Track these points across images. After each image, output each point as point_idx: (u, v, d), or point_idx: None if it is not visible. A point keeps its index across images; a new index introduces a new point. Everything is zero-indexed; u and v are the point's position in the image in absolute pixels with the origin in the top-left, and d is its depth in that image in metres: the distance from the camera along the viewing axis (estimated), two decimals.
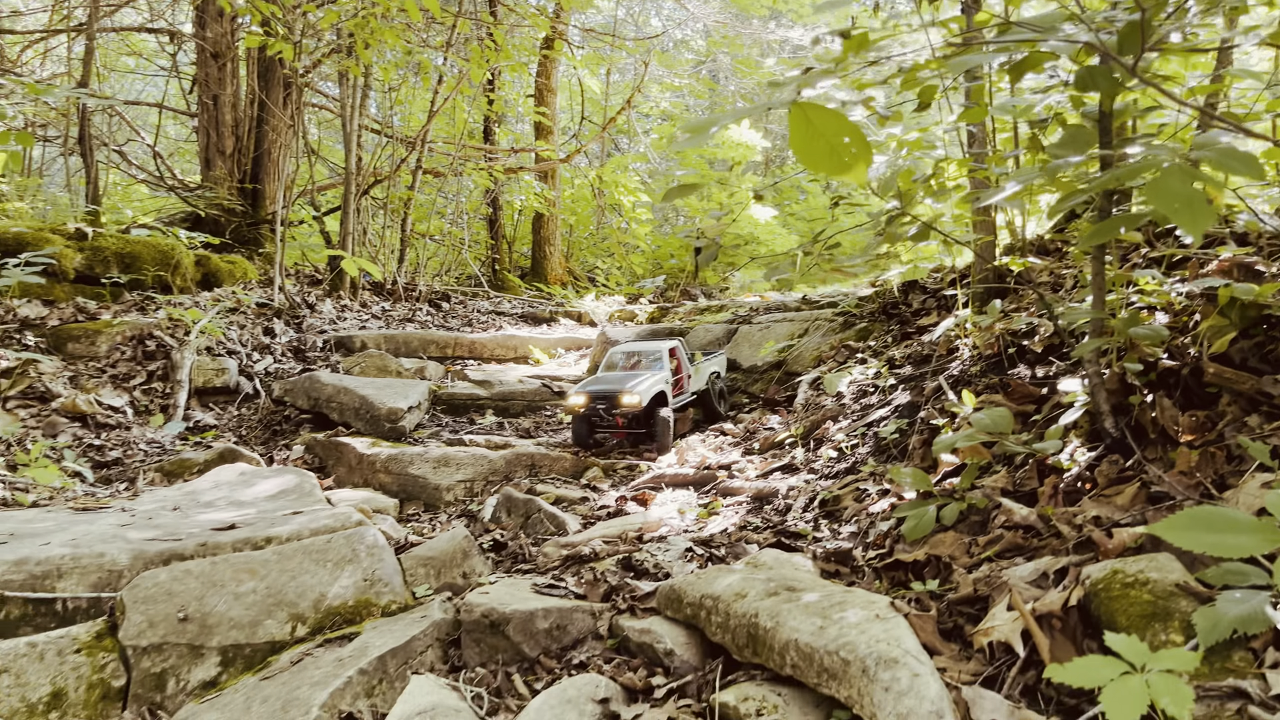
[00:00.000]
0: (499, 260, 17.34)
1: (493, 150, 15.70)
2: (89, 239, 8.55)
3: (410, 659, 3.42)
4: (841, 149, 2.69)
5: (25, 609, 3.92)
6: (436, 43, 13.07)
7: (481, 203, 16.61)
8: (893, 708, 2.32)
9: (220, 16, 12.91)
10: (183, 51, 14.74)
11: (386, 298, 12.11)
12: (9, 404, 6.23)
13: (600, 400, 6.20)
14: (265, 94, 13.09)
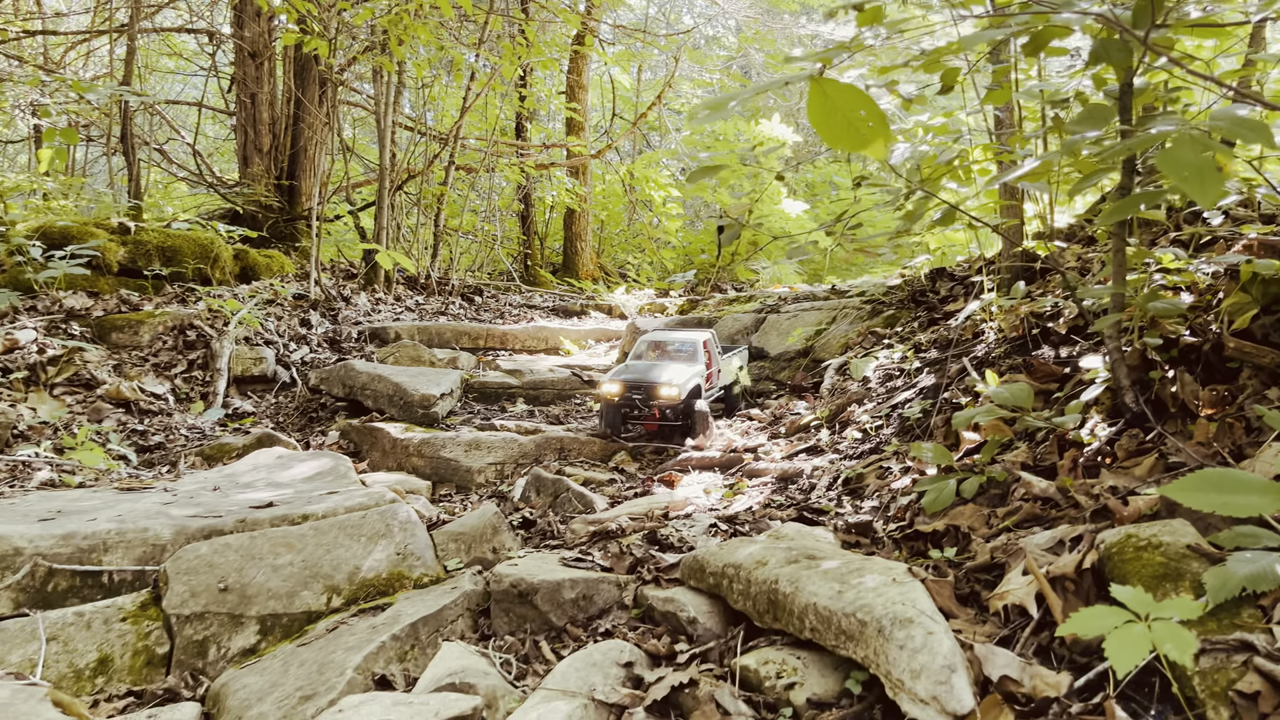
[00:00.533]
0: (531, 256, 17.49)
1: (524, 146, 15.84)
2: (131, 233, 8.76)
3: (441, 627, 3.52)
4: (859, 123, 2.76)
5: (73, 581, 4.07)
6: (469, 39, 13.22)
7: (514, 199, 16.76)
8: (907, 664, 2.38)
9: (258, 16, 13.14)
10: (221, 51, 15.01)
11: (420, 292, 12.27)
12: (56, 390, 6.42)
13: (636, 390, 5.98)
14: (301, 92, 13.30)
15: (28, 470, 5.37)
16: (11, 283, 7.65)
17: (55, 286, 7.75)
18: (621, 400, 6.03)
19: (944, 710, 2.25)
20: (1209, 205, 2.20)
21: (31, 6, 13.74)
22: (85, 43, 14.11)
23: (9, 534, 4.15)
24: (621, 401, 6.04)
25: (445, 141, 12.93)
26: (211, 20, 14.79)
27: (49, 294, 7.65)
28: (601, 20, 18.09)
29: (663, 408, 5.98)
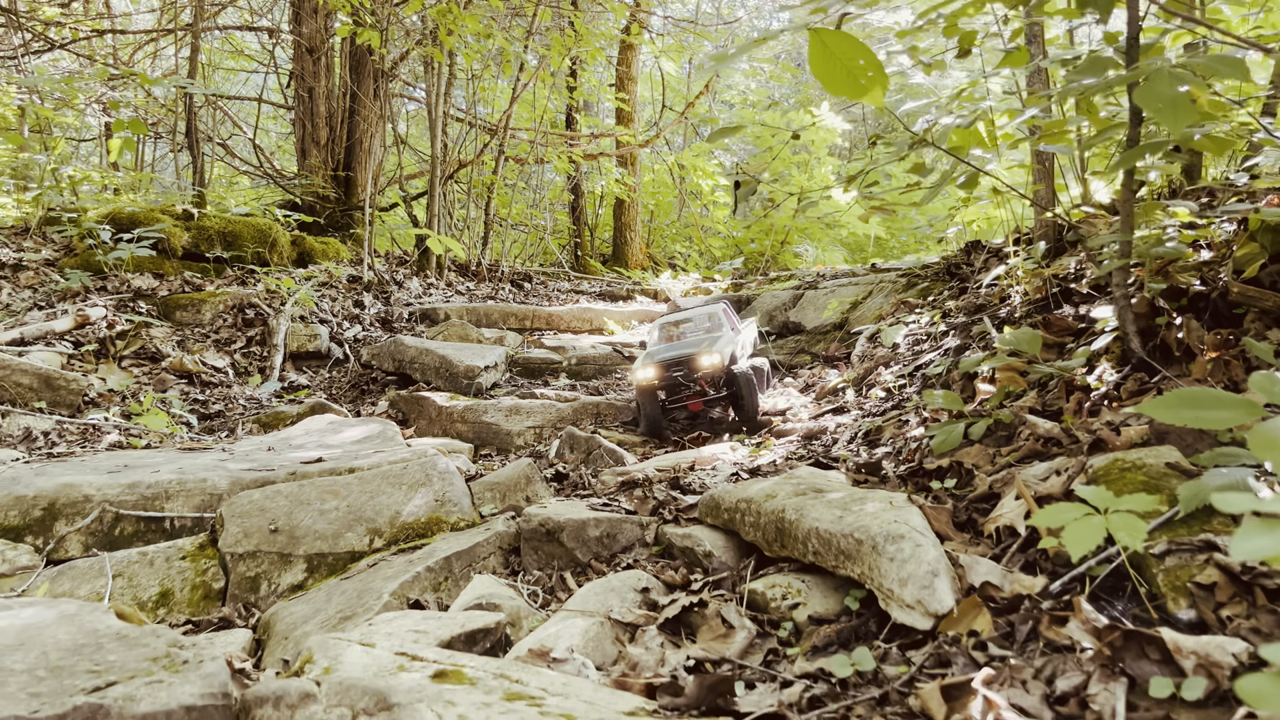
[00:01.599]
0: (581, 246, 17.75)
1: (574, 136, 16.09)
2: (195, 219, 9.16)
3: (474, 562, 3.74)
4: (857, 72, 2.91)
5: (137, 526, 4.38)
6: (518, 31, 13.49)
7: (564, 189, 17.03)
8: (895, 574, 2.53)
9: (315, 13, 13.56)
10: (280, 48, 15.49)
11: (471, 278, 12.58)
12: (124, 362, 6.79)
13: (675, 368, 5.54)
14: (357, 86, 13.70)
15: (97, 433, 5.72)
16: (83, 265, 8.07)
17: (124, 269, 8.16)
18: (662, 383, 5.58)
19: (927, 612, 2.40)
20: (1178, 132, 2.31)
21: (101, 8, 14.33)
22: (152, 42, 14.67)
23: (78, 482, 4.47)
24: (662, 384, 5.60)
25: (494, 132, 13.21)
26: (273, 19, 15.27)
27: (118, 275, 8.05)
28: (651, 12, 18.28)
29: (707, 380, 5.59)
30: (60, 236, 8.76)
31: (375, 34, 9.50)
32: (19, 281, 7.69)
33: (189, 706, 2.38)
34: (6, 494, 4.37)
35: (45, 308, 7.23)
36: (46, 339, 6.59)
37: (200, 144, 11.88)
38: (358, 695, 2.30)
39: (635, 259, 17.49)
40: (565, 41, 13.14)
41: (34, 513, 4.32)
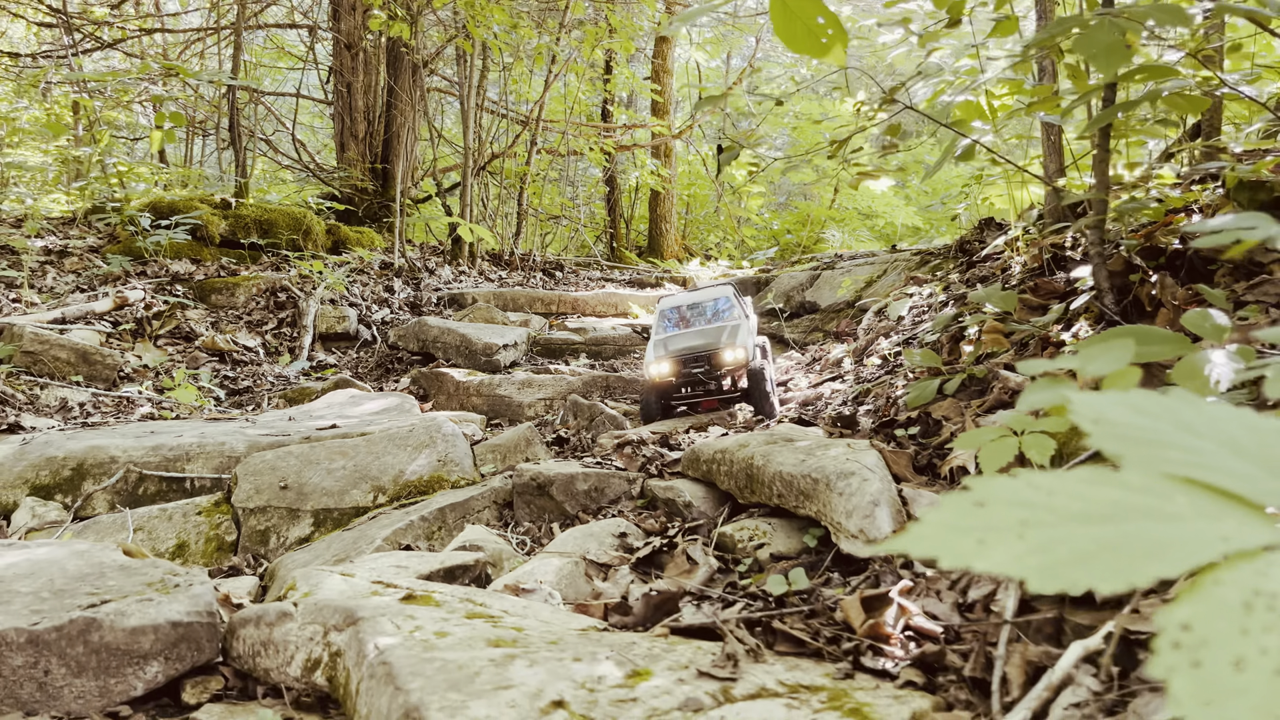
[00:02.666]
0: (616, 238, 17.90)
1: (609, 128, 16.25)
2: (232, 208, 9.47)
3: (468, 514, 3.90)
4: (818, 30, 3.01)
5: (160, 485, 4.61)
6: (550, 24, 13.68)
7: (599, 182, 17.20)
8: (843, 507, 2.63)
9: (353, 10, 13.87)
10: (320, 45, 15.84)
11: (504, 267, 12.79)
12: (159, 341, 7.08)
13: (694, 363, 4.98)
14: (394, 80, 13.98)
15: (130, 405, 5.99)
16: (125, 251, 8.39)
17: (163, 254, 8.47)
18: (679, 380, 5.06)
19: (868, 540, 2.51)
20: (1110, 75, 2.39)
21: (150, 9, 14.79)
22: (199, 41, 15.11)
23: (106, 445, 4.72)
24: (680, 381, 5.07)
25: (526, 123, 13.41)
26: (313, 16, 15.64)
27: (158, 261, 8.37)
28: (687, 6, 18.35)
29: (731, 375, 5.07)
30: (105, 225, 9.12)
31: (405, 26, 9.73)
32: (64, 266, 8.03)
33: (175, 622, 2.56)
34: (39, 455, 4.63)
35: (87, 290, 7.55)
36: (87, 319, 6.89)
37: (242, 138, 12.24)
38: (329, 614, 2.46)
39: (671, 250, 17.61)
40: (598, 33, 13.30)
41: (63, 472, 4.57)
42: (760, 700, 1.73)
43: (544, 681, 1.82)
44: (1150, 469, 0.80)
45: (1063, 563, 0.71)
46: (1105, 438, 0.86)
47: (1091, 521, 0.75)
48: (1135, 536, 0.72)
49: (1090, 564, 0.70)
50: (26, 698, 2.45)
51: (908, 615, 2.01)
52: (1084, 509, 0.76)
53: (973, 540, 0.75)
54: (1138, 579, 0.69)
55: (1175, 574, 0.69)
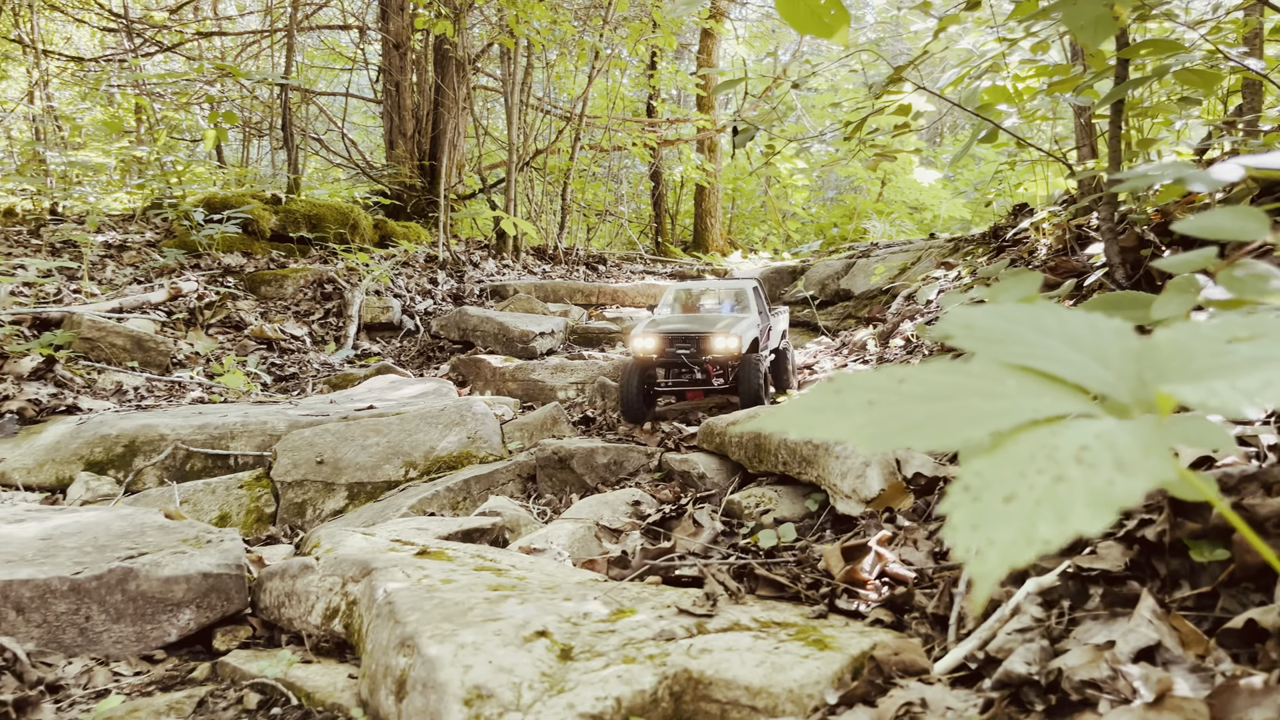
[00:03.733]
0: (662, 233, 18.02)
1: (653, 123, 16.37)
2: (283, 203, 9.77)
3: (492, 486, 4.04)
4: (820, 10, 3.10)
5: (206, 462, 4.82)
6: (593, 20, 13.83)
7: (644, 177, 17.32)
8: (838, 468, 2.72)
9: (401, 10, 14.16)
10: (370, 45, 16.18)
11: (547, 261, 12.97)
12: (210, 330, 7.35)
13: (681, 343, 4.60)
14: (441, 79, 14.25)
15: (182, 389, 6.25)
16: (180, 245, 8.71)
17: (216, 248, 8.78)
18: (661, 358, 4.67)
19: (861, 499, 2.59)
20: (1094, 47, 2.44)
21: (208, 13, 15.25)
22: (255, 44, 15.53)
23: (155, 423, 4.95)
24: (661, 360, 4.68)
25: (570, 119, 13.58)
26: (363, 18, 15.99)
27: (210, 254, 8.67)
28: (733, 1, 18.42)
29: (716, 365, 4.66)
30: (161, 220, 9.46)
31: (449, 24, 9.94)
32: (122, 259, 8.37)
33: (206, 573, 2.74)
34: (94, 433, 4.88)
35: (144, 282, 7.86)
36: (143, 308, 7.18)
37: (295, 138, 12.58)
38: (347, 566, 2.61)
39: (716, 244, 17.67)
40: (641, 28, 13.42)
41: (116, 449, 4.81)
42: (731, 633, 1.84)
43: (531, 616, 1.94)
44: (993, 360, 0.90)
45: (892, 431, 0.81)
46: (965, 338, 0.96)
47: (929, 400, 0.85)
48: (961, 409, 0.82)
49: (915, 431, 0.80)
50: (69, 642, 2.63)
51: (884, 562, 2.10)
52: (926, 391, 0.86)
53: (823, 417, 0.85)
54: (952, 441, 0.79)
55: (982, 436, 0.79)
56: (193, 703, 2.34)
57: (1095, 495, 0.67)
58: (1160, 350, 0.87)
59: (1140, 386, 0.84)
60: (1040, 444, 0.75)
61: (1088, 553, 1.83)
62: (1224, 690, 1.22)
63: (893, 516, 2.37)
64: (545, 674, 1.70)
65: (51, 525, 3.12)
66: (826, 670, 1.64)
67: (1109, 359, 0.88)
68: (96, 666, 2.56)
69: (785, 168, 17.24)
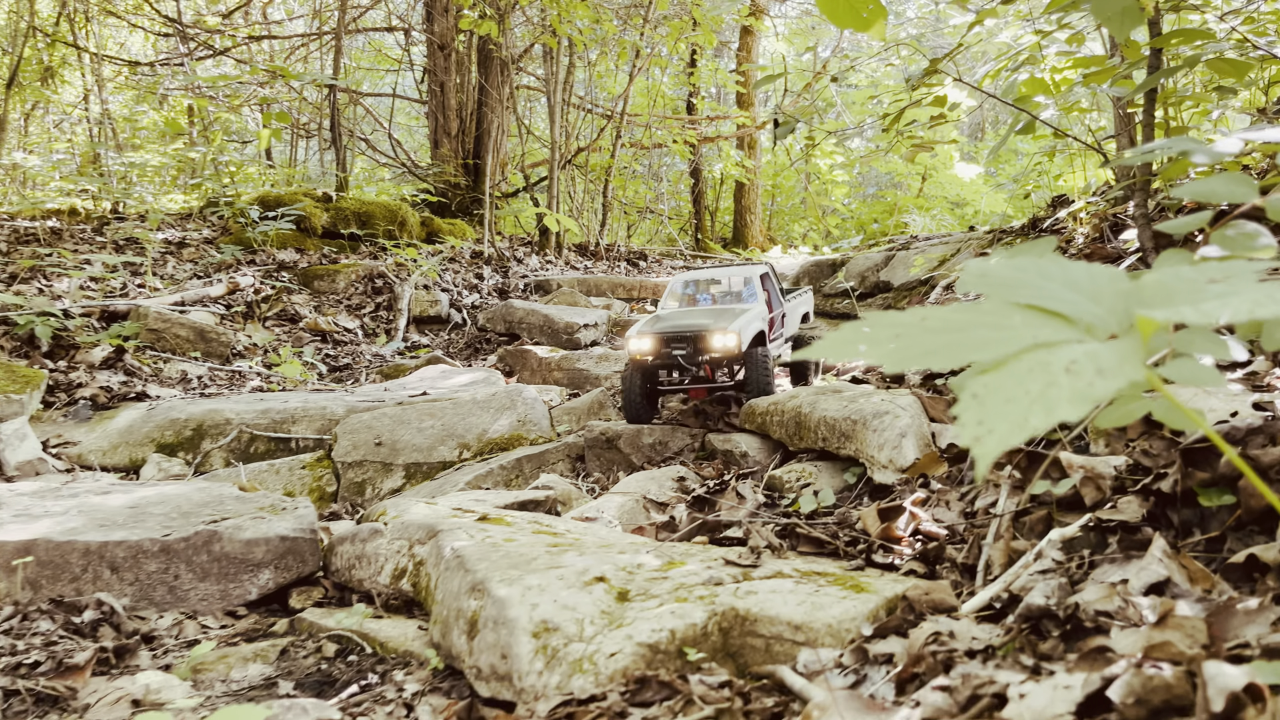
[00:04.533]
0: (701, 229, 18.15)
1: (693, 120, 16.51)
2: (333, 201, 10.05)
3: (543, 465, 4.23)
4: (859, 5, 3.25)
5: (269, 445, 5.06)
6: (634, 19, 14.01)
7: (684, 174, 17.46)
8: (875, 440, 2.86)
9: (445, 12, 14.44)
10: (416, 47, 16.49)
11: (589, 257, 13.17)
12: (267, 323, 7.63)
13: (677, 343, 4.29)
14: (485, 79, 14.51)
15: (242, 378, 6.51)
16: (236, 241, 9.02)
17: (270, 244, 9.07)
18: (657, 360, 4.36)
19: (896, 467, 2.73)
20: (1122, 36, 2.57)
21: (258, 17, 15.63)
22: (303, 46, 15.90)
23: (221, 408, 5.20)
24: (658, 362, 4.38)
25: (611, 117, 13.77)
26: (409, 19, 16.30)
27: (265, 250, 8.97)
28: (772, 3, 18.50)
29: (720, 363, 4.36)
30: (218, 218, 9.79)
31: (493, 24, 10.17)
32: (182, 256, 8.68)
33: (283, 536, 2.94)
34: (164, 418, 5.14)
35: (203, 277, 8.16)
36: (203, 302, 7.47)
37: (343, 138, 12.90)
38: (414, 530, 2.80)
39: (755, 240, 17.78)
40: (681, 26, 13.58)
41: (185, 433, 5.07)
42: (773, 580, 1.99)
43: (590, 565, 2.11)
44: (1002, 300, 1.05)
45: (914, 355, 0.96)
46: (979, 284, 1.11)
47: (946, 332, 1.00)
48: (973, 338, 0.98)
49: (933, 355, 0.96)
50: (159, 599, 2.85)
51: (918, 521, 2.25)
52: (943, 325, 1.01)
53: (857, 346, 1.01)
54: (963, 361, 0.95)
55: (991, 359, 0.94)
56: (275, 651, 2.54)
57: (1077, 393, 0.82)
58: (1146, 289, 1.02)
59: (1125, 317, 0.98)
60: (1037, 361, 0.90)
61: (1108, 507, 1.97)
62: (1221, 610, 1.36)
63: (927, 482, 2.51)
64: (604, 612, 1.87)
65: (137, 496, 3.35)
66: (862, 608, 1.79)
67: (1102, 298, 1.03)
68: (185, 620, 2.77)
69: (825, 164, 17.30)
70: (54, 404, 5.65)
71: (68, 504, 3.22)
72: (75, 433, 5.31)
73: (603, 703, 1.58)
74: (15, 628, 2.60)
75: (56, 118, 15.97)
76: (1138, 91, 3.69)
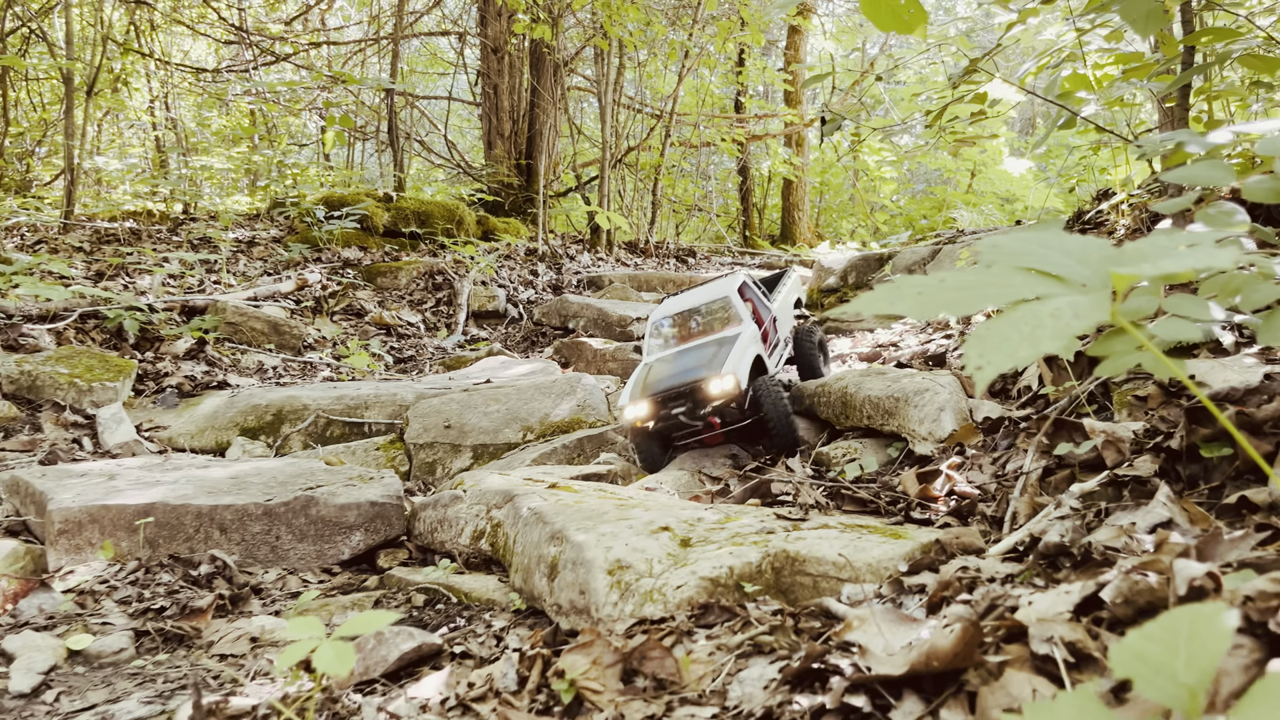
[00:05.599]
0: (749, 226, 18.34)
1: (742, 118, 16.71)
2: (394, 201, 10.43)
3: (603, 445, 4.49)
4: (900, 9, 3.47)
5: (344, 429, 5.38)
6: (683, 20, 14.25)
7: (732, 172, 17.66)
8: (917, 416, 3.08)
9: (499, 15, 14.80)
10: (470, 50, 16.89)
11: (639, 255, 13.44)
12: (334, 317, 8.00)
13: (675, 402, 3.98)
14: (537, 81, 14.84)
15: (313, 369, 6.87)
16: (303, 240, 9.42)
17: (335, 243, 9.46)
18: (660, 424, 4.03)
19: (935, 439, 2.95)
20: (1146, 36, 2.76)
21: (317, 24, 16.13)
22: (360, 52, 16.38)
23: (299, 394, 5.54)
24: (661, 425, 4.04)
25: (660, 117, 14.03)
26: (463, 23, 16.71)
27: (330, 248, 9.36)
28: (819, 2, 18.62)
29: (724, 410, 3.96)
30: (284, 218, 10.21)
31: (547, 28, 10.48)
32: (252, 254, 9.10)
33: (373, 501, 3.24)
34: (246, 404, 5.49)
35: (273, 274, 8.56)
36: (274, 297, 7.86)
37: (400, 139, 13.31)
38: (491, 495, 3.08)
39: (803, 236, 17.93)
40: (729, 26, 13.79)
41: (266, 417, 5.41)
42: (820, 530, 2.23)
43: (655, 518, 2.36)
44: (1007, 265, 1.28)
45: (933, 306, 1.20)
46: (991, 254, 1.34)
47: (960, 289, 1.24)
48: (981, 293, 1.21)
49: (949, 305, 1.19)
50: (262, 557, 3.16)
51: (953, 483, 2.47)
52: (958, 284, 1.25)
53: (885, 302, 1.25)
54: (972, 310, 1.18)
55: (994, 306, 1.17)
56: (370, 601, 2.83)
57: (1058, 331, 1.05)
58: (1125, 253, 1.24)
59: (1104, 275, 1.21)
60: (1029, 310, 1.14)
61: (1125, 466, 2.17)
62: (1209, 539, 1.58)
63: (963, 450, 2.73)
64: (670, 554, 2.12)
65: (236, 470, 3.68)
66: (900, 551, 2.02)
67: (1090, 261, 1.25)
68: (287, 575, 3.08)
69: (873, 160, 17.40)
70: (143, 391, 6.03)
71: (175, 475, 3.55)
72: (164, 418, 5.68)
73: (671, 623, 1.84)
74: (141, 579, 2.92)
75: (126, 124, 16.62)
76: (1172, 87, 3.85)
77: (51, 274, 7.05)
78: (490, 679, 1.80)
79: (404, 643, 2.06)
